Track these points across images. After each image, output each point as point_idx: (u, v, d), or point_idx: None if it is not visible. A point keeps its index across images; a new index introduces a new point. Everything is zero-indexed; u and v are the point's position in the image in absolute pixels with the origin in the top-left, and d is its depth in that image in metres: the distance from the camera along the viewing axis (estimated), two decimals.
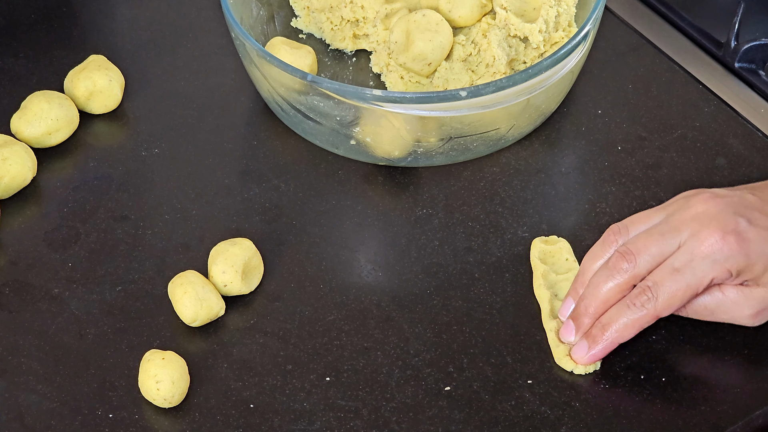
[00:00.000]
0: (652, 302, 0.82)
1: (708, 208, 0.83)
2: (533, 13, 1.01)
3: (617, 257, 0.84)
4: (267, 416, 0.84)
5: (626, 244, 0.84)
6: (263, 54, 0.95)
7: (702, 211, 0.83)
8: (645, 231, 0.84)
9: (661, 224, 0.84)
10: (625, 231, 0.85)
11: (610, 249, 0.85)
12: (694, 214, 0.83)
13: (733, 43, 1.06)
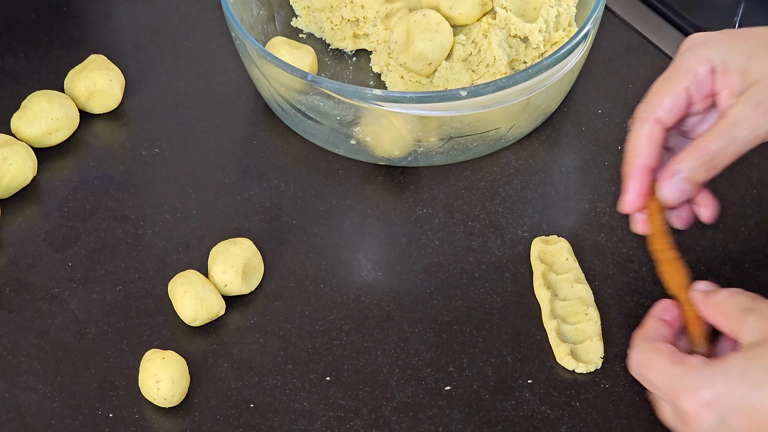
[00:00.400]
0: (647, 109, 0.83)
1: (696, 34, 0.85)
2: (533, 12, 1.01)
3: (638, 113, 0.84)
4: (267, 416, 0.84)
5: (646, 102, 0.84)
6: (263, 54, 0.95)
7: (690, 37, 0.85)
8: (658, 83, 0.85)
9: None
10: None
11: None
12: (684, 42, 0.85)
13: None
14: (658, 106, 0.83)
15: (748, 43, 0.82)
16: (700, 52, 0.82)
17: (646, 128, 0.82)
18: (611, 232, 0.93)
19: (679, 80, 0.83)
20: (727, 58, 0.82)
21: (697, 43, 0.83)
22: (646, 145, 0.82)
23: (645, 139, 0.82)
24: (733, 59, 0.82)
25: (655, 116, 0.82)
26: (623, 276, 0.91)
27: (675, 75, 0.83)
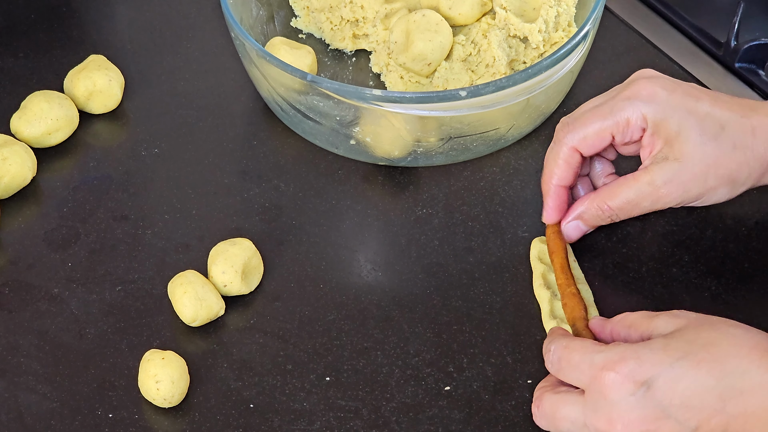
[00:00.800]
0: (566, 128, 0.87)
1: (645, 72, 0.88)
2: (533, 13, 1.01)
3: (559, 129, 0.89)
4: (267, 416, 0.84)
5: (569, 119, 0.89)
6: (263, 54, 0.95)
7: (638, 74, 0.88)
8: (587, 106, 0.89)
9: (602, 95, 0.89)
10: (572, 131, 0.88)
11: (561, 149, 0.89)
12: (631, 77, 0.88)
13: (733, 43, 1.06)
14: (580, 138, 0.87)
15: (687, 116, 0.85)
16: (639, 107, 0.85)
17: (564, 152, 0.88)
18: (611, 232, 0.93)
19: (609, 123, 0.87)
20: (661, 125, 0.85)
21: (641, 97, 0.85)
22: (562, 167, 0.88)
23: (562, 162, 0.88)
24: (666, 127, 0.85)
25: (574, 144, 0.87)
26: (623, 276, 0.91)
27: (609, 116, 0.87)
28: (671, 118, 0.85)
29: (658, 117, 0.85)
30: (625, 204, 0.87)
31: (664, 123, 0.85)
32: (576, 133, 0.87)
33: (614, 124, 0.86)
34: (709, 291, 0.90)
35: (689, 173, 0.85)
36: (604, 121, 0.86)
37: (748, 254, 0.92)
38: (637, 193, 0.86)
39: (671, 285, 0.90)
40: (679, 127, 0.84)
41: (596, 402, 0.74)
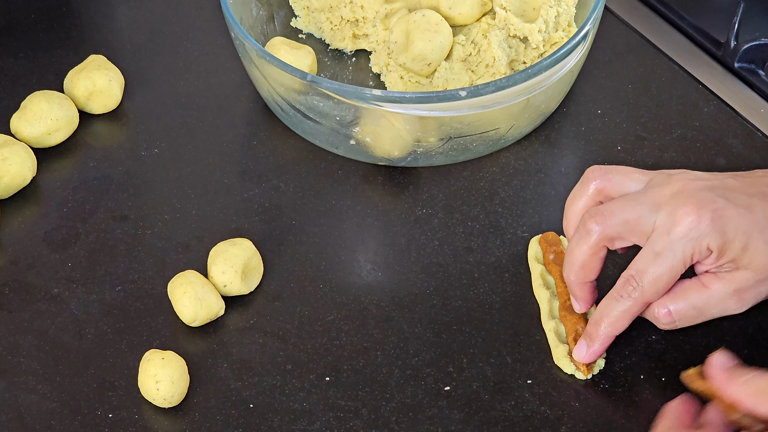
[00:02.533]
0: (638, 291, 0.82)
1: (687, 186, 0.82)
2: (533, 13, 1.01)
3: (587, 218, 0.84)
4: (267, 416, 0.84)
5: (598, 207, 0.84)
6: (263, 54, 0.95)
7: (680, 189, 0.82)
8: (621, 197, 0.84)
9: (639, 193, 0.84)
10: (606, 173, 0.85)
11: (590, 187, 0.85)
12: (674, 192, 0.82)
13: (733, 43, 1.06)
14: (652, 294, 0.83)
15: (749, 230, 0.81)
16: (700, 242, 0.81)
17: (632, 309, 0.83)
18: None
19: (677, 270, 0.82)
20: (726, 247, 0.81)
21: (698, 230, 0.81)
22: (626, 324, 0.84)
23: (627, 317, 0.84)
24: (731, 248, 0.81)
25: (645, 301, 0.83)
26: None
27: (674, 264, 0.82)
28: (735, 239, 0.81)
29: (721, 242, 0.81)
30: (689, 310, 0.83)
31: (729, 245, 0.81)
32: (646, 290, 0.82)
33: (682, 266, 0.82)
34: None
35: (761, 280, 0.82)
36: (672, 269, 0.82)
37: None
38: (706, 301, 0.83)
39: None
40: (745, 243, 0.81)
41: None
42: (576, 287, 0.86)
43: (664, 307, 0.83)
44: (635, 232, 0.83)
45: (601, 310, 0.84)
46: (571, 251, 0.85)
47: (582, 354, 0.85)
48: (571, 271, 0.85)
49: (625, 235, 0.83)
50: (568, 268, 0.85)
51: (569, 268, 0.85)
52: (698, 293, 0.83)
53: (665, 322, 0.84)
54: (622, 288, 0.83)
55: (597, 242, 0.83)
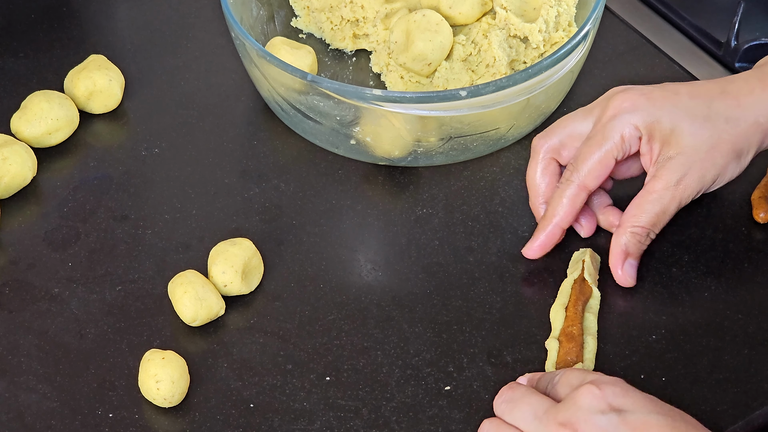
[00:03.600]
0: (575, 173, 0.88)
1: (617, 88, 0.89)
2: (533, 13, 1.01)
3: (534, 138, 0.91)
4: (267, 416, 0.84)
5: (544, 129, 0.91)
6: (263, 54, 0.95)
7: (611, 91, 0.89)
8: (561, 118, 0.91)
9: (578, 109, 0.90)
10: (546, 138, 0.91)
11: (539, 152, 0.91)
12: (605, 95, 0.89)
13: (733, 43, 1.06)
14: (587, 174, 0.88)
15: (674, 111, 0.86)
16: (627, 119, 0.87)
17: (571, 191, 0.88)
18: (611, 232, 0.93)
19: (608, 147, 0.87)
20: (654, 127, 0.86)
21: (625, 109, 0.87)
22: (567, 209, 0.89)
23: (568, 202, 0.89)
24: (659, 128, 0.86)
25: (582, 182, 0.88)
26: None
27: (604, 142, 0.87)
28: (661, 117, 0.86)
29: (648, 121, 0.86)
30: (653, 217, 0.87)
31: (655, 124, 0.86)
32: (581, 170, 0.87)
33: (613, 147, 0.87)
34: (709, 291, 0.90)
35: (697, 161, 0.86)
36: (602, 148, 0.87)
37: (748, 254, 0.92)
38: (661, 203, 0.87)
39: (671, 285, 0.90)
40: (671, 123, 0.86)
41: (567, 404, 0.75)
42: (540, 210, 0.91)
43: (635, 227, 0.87)
44: (576, 137, 0.89)
45: (548, 202, 0.90)
46: (527, 176, 0.91)
47: (531, 246, 0.90)
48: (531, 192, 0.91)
49: (569, 143, 0.89)
50: (531, 194, 0.91)
51: (531, 191, 0.91)
52: (650, 201, 0.87)
53: (643, 235, 0.88)
54: (563, 176, 0.89)
55: (544, 156, 0.90)
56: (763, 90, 0.87)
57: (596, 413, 0.73)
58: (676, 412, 0.75)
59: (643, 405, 0.74)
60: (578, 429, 0.73)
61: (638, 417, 0.73)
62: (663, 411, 0.75)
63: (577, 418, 0.74)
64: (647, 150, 0.87)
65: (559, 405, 0.75)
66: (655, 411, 0.74)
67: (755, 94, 0.87)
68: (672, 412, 0.75)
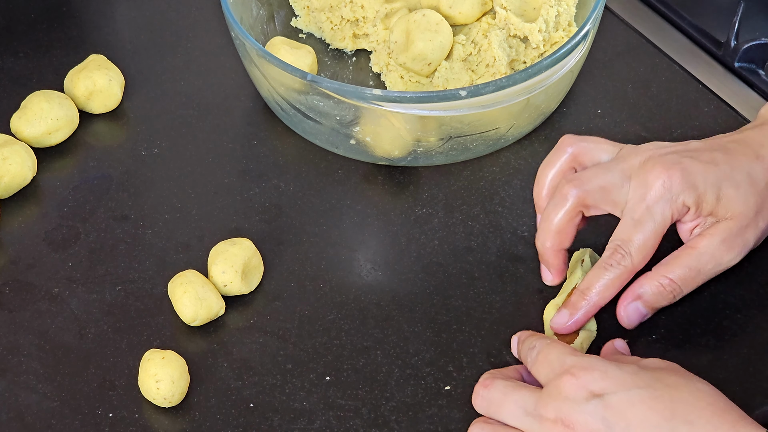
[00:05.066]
0: (627, 258, 0.85)
1: (654, 153, 0.86)
2: (533, 12, 1.01)
3: (564, 184, 0.86)
4: (267, 415, 0.84)
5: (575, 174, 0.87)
6: (263, 54, 0.95)
7: (648, 157, 0.85)
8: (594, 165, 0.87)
9: (611, 162, 0.87)
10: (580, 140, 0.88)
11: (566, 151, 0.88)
12: (642, 160, 0.85)
13: (733, 43, 1.06)
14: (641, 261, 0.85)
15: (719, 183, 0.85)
16: (675, 199, 0.84)
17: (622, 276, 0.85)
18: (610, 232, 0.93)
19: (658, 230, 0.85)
20: (701, 202, 0.85)
21: (670, 189, 0.84)
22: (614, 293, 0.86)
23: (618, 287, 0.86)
24: (707, 202, 0.85)
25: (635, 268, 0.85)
26: None
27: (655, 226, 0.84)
28: (707, 191, 0.84)
29: (695, 196, 0.84)
30: (687, 272, 0.85)
31: (703, 198, 0.84)
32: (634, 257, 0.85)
33: (663, 228, 0.85)
34: (709, 291, 0.90)
35: (744, 225, 0.85)
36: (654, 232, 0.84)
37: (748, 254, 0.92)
38: (697, 260, 0.85)
39: None
40: (717, 194, 0.85)
41: (552, 395, 0.76)
42: (550, 254, 0.88)
43: (664, 278, 0.85)
44: (609, 200, 0.86)
45: (588, 279, 0.86)
46: (548, 217, 0.87)
47: (563, 321, 0.86)
48: (546, 238, 0.87)
49: (599, 203, 0.86)
50: (543, 234, 0.87)
51: (545, 234, 0.87)
52: (690, 256, 0.85)
53: (670, 290, 0.86)
54: (610, 257, 0.85)
55: (573, 207, 0.86)
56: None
57: (581, 402, 0.75)
58: (656, 380, 0.76)
59: (622, 383, 0.75)
60: (572, 423, 0.75)
61: (620, 397, 0.74)
62: (643, 383, 0.75)
63: (566, 413, 0.75)
64: (693, 219, 0.86)
65: (544, 396, 0.76)
66: (635, 386, 0.75)
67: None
68: (653, 381, 0.75)
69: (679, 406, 0.75)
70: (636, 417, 0.74)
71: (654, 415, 0.74)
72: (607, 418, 0.74)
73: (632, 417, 0.74)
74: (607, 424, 0.74)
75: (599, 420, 0.74)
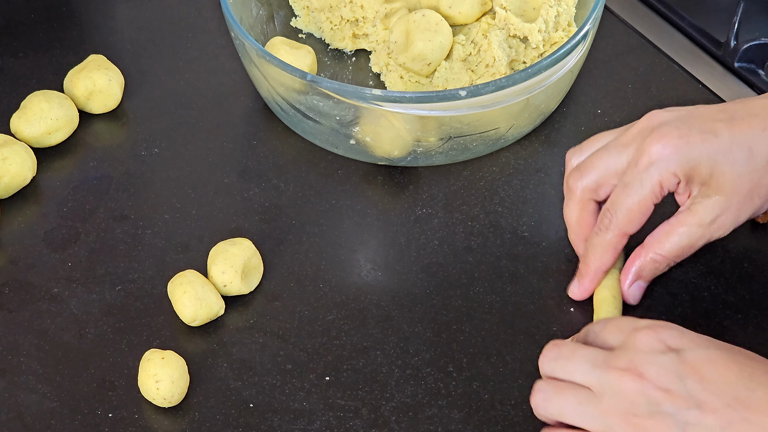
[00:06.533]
0: (613, 221, 0.86)
1: (651, 120, 0.86)
2: (533, 12, 1.01)
3: (567, 177, 0.88)
4: (266, 416, 0.84)
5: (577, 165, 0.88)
6: (263, 54, 0.95)
7: (645, 125, 0.85)
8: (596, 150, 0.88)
9: (611, 141, 0.87)
10: (580, 150, 0.89)
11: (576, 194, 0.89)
12: (640, 129, 0.85)
13: (733, 43, 1.06)
14: (626, 223, 0.86)
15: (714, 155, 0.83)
16: (665, 166, 0.84)
17: (611, 238, 0.87)
18: None
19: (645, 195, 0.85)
20: (693, 173, 0.84)
21: (663, 156, 0.84)
22: (609, 254, 0.87)
23: (610, 248, 0.87)
24: (698, 173, 0.84)
25: (622, 230, 0.86)
26: None
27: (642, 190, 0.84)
28: (700, 162, 0.83)
29: (686, 167, 0.84)
30: (678, 249, 0.85)
31: (694, 170, 0.84)
32: (620, 218, 0.86)
33: (651, 194, 0.85)
34: (709, 291, 0.90)
35: (735, 203, 0.84)
36: (641, 196, 0.85)
37: (748, 254, 0.92)
38: (689, 237, 0.85)
39: (671, 285, 0.90)
40: (711, 168, 0.83)
41: (624, 350, 0.76)
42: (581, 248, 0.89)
43: (656, 254, 0.86)
44: (612, 175, 0.86)
45: (587, 247, 0.88)
46: (565, 214, 0.89)
47: (575, 291, 0.89)
48: (571, 231, 0.89)
49: (605, 181, 0.87)
50: (571, 232, 0.90)
51: (570, 230, 0.90)
52: (679, 233, 0.85)
53: (663, 267, 0.87)
54: (600, 221, 0.87)
55: (581, 196, 0.87)
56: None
57: (657, 354, 0.74)
58: (733, 347, 0.76)
59: (700, 343, 0.75)
60: (642, 372, 0.74)
61: (697, 353, 0.74)
62: (721, 346, 0.75)
63: (639, 361, 0.74)
64: (684, 190, 0.85)
65: (616, 352, 0.76)
66: (714, 346, 0.75)
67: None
68: (729, 347, 0.76)
69: (759, 369, 0.74)
70: (711, 374, 0.73)
71: (730, 374, 0.73)
72: (681, 373, 0.73)
73: (707, 373, 0.73)
74: (681, 378, 0.73)
75: (672, 373, 0.74)
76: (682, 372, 0.74)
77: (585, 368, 0.76)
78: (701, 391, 0.73)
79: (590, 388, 0.76)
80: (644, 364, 0.74)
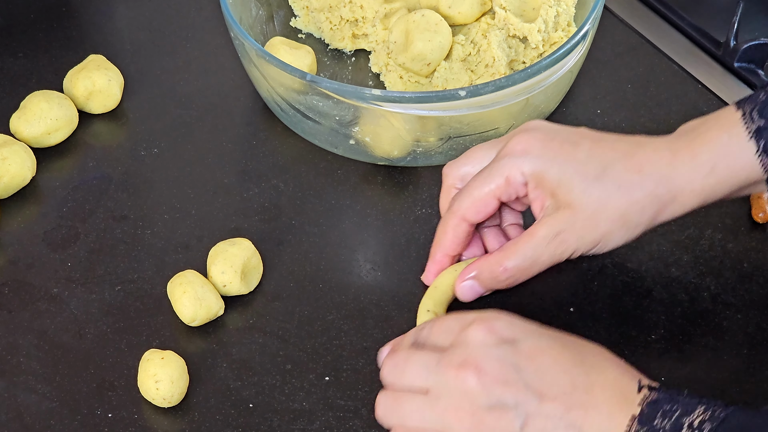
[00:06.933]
0: (455, 203, 0.86)
1: (528, 125, 0.85)
2: (532, 12, 1.01)
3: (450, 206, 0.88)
4: (266, 416, 0.84)
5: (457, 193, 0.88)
6: (262, 54, 0.95)
7: (522, 128, 0.85)
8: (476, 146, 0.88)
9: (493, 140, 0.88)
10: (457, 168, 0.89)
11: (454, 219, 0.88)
12: (516, 130, 0.85)
13: (733, 43, 1.06)
14: (467, 208, 0.85)
15: (565, 164, 0.82)
16: (515, 163, 0.83)
17: (452, 223, 0.86)
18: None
19: (492, 187, 0.84)
20: (541, 177, 0.82)
21: (516, 152, 0.83)
22: (450, 238, 0.87)
23: (450, 232, 0.87)
24: (547, 179, 0.82)
25: (462, 214, 0.86)
26: (622, 276, 0.91)
27: (489, 179, 0.84)
28: (549, 169, 0.82)
29: (536, 170, 0.82)
30: (522, 263, 0.83)
31: (543, 175, 0.82)
32: (462, 203, 0.85)
33: (496, 187, 0.83)
34: (709, 291, 0.90)
35: (580, 220, 0.81)
36: (485, 186, 0.84)
37: (747, 254, 0.92)
38: (534, 250, 0.83)
39: (671, 285, 0.90)
40: (559, 176, 0.81)
41: (457, 347, 0.75)
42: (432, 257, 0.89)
43: (500, 265, 0.84)
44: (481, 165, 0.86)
45: (437, 229, 0.88)
46: (440, 202, 0.89)
47: (425, 275, 0.89)
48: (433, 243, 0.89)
49: (474, 171, 0.86)
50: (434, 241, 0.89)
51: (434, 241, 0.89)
52: (527, 245, 0.83)
53: (504, 278, 0.84)
54: (450, 203, 0.87)
55: (452, 183, 0.88)
56: (670, 162, 0.82)
57: (491, 347, 0.74)
58: (561, 334, 0.76)
59: (532, 332, 0.76)
60: (479, 365, 0.74)
61: (531, 343, 0.75)
62: (551, 335, 0.76)
63: (474, 356, 0.74)
64: (535, 196, 0.83)
65: (450, 351, 0.76)
66: (545, 335, 0.76)
67: (660, 165, 0.81)
68: (558, 334, 0.76)
69: (588, 354, 0.75)
70: (546, 362, 0.74)
71: (564, 360, 0.74)
72: (517, 364, 0.74)
73: (543, 362, 0.74)
74: (517, 369, 0.74)
75: (509, 364, 0.74)
76: (518, 363, 0.74)
77: (421, 373, 0.76)
78: (539, 380, 0.73)
79: (429, 390, 0.76)
80: (479, 358, 0.74)
